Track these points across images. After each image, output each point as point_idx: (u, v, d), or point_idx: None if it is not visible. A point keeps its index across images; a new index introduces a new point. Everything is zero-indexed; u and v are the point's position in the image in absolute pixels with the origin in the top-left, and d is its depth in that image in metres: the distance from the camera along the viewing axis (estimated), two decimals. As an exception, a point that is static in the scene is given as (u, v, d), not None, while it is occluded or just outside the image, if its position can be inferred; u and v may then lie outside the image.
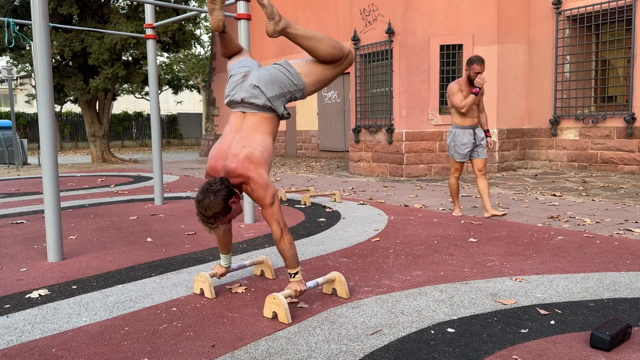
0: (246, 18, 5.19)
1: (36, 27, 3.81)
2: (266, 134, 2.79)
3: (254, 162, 2.69)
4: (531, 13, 9.96)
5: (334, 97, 15.27)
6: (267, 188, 2.68)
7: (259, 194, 2.69)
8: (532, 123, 10.16)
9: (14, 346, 2.37)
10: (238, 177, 2.70)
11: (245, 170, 2.68)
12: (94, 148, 16.94)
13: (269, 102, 2.76)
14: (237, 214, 2.77)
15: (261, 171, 2.70)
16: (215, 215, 2.64)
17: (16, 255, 4.15)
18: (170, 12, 15.17)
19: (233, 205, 2.69)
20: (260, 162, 2.72)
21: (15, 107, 33.20)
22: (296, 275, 2.77)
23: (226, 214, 2.67)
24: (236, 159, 2.70)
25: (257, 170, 2.69)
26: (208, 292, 2.99)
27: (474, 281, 3.19)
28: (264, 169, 2.72)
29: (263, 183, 2.68)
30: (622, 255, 3.73)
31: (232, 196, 2.68)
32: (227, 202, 2.64)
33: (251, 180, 2.68)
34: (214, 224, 2.68)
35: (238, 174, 2.69)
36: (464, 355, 2.17)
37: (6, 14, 14.60)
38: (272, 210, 2.69)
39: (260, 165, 2.71)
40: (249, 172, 2.68)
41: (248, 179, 2.69)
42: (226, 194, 2.64)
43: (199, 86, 29.15)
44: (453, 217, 5.45)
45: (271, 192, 2.69)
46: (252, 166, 2.68)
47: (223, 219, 2.67)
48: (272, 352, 2.24)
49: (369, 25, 10.28)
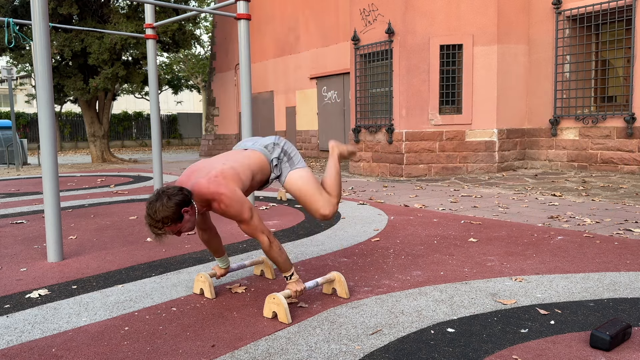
0: (246, 18, 5.19)
1: (36, 27, 3.81)
2: (254, 164, 2.79)
3: (226, 177, 2.57)
4: (531, 13, 9.96)
5: (334, 97, 15.27)
6: (242, 203, 2.55)
7: (234, 210, 2.54)
8: (532, 123, 10.16)
9: (14, 346, 2.37)
10: (209, 195, 2.54)
11: (216, 187, 2.53)
12: (94, 148, 16.94)
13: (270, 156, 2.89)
14: (189, 227, 2.55)
15: (234, 187, 2.56)
16: (163, 220, 2.43)
17: (16, 255, 4.15)
18: (170, 12, 15.17)
19: (186, 215, 2.50)
20: (234, 178, 2.59)
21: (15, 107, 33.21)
22: (292, 276, 2.74)
23: (176, 222, 2.47)
24: (207, 175, 2.58)
25: (229, 186, 2.55)
26: (208, 292, 2.99)
27: (474, 281, 3.19)
28: (238, 185, 2.59)
29: (236, 198, 2.53)
30: (622, 255, 3.73)
31: (187, 205, 2.50)
32: (180, 208, 2.46)
33: (223, 197, 2.52)
34: (161, 230, 2.46)
35: (209, 192, 2.53)
36: (463, 355, 2.17)
37: (6, 14, 14.60)
38: (254, 224, 2.60)
39: (233, 181, 2.58)
40: (220, 188, 2.53)
41: (219, 195, 2.52)
42: (181, 199, 2.46)
43: (198, 86, 29.15)
44: (453, 216, 5.45)
45: (247, 207, 2.57)
46: (223, 182, 2.55)
47: (172, 227, 2.48)
48: (272, 352, 2.24)
49: (369, 25, 10.28)
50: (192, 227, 2.57)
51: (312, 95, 16.20)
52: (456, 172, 9.68)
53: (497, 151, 9.69)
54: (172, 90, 30.14)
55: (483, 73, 9.55)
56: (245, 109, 5.29)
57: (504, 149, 9.83)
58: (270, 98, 18.18)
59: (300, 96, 16.74)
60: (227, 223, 5.35)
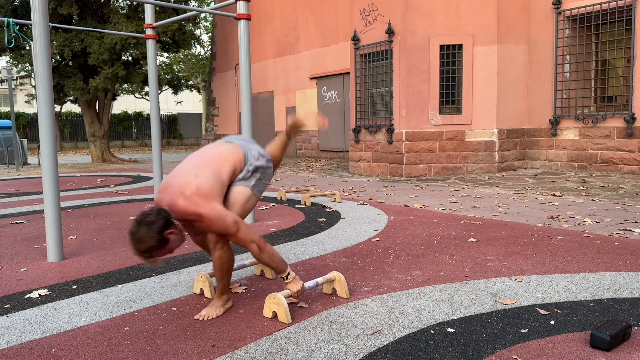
0: (246, 18, 5.19)
1: (36, 27, 3.81)
2: (229, 164, 2.68)
3: (202, 195, 2.50)
4: (531, 13, 9.96)
5: (334, 97, 15.27)
6: (224, 218, 2.50)
7: (219, 227, 2.51)
8: (532, 123, 10.16)
9: (14, 346, 2.37)
10: (189, 217, 2.52)
11: (194, 208, 2.48)
12: (94, 148, 16.94)
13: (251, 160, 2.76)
14: (178, 244, 2.56)
15: (212, 204, 2.50)
16: (149, 250, 2.43)
17: (16, 255, 4.15)
18: (170, 12, 15.17)
19: (171, 236, 2.49)
20: (210, 194, 2.52)
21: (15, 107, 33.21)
22: (288, 276, 2.70)
23: (162, 247, 2.47)
24: (183, 195, 2.50)
25: (207, 205, 2.49)
26: (208, 292, 2.99)
27: (474, 281, 3.19)
28: (216, 200, 2.53)
29: (218, 215, 2.49)
30: (622, 255, 3.73)
31: (170, 227, 2.48)
32: (162, 234, 2.44)
33: (204, 217, 2.49)
34: (150, 258, 2.47)
35: (188, 213, 2.50)
36: (463, 355, 2.17)
37: (6, 14, 14.60)
38: (241, 234, 2.54)
39: (210, 197, 2.51)
40: (199, 209, 2.48)
41: (200, 216, 2.49)
42: (162, 225, 2.44)
43: (198, 86, 29.15)
44: (453, 216, 5.45)
45: (231, 220, 2.51)
46: (201, 201, 2.48)
47: (161, 251, 2.48)
48: (272, 352, 2.24)
49: (369, 25, 10.28)
50: (181, 242, 2.58)
51: (312, 95, 16.20)
52: (456, 172, 9.68)
53: (497, 151, 9.69)
54: (172, 90, 30.14)
55: (483, 73, 9.55)
56: (245, 109, 5.29)
57: (504, 149, 9.83)
58: (270, 98, 18.18)
59: (300, 96, 16.74)
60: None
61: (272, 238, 4.58)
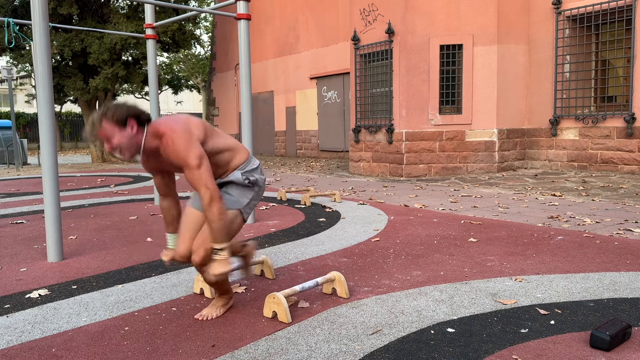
0: (246, 18, 5.19)
1: (36, 27, 3.81)
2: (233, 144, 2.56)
3: (191, 122, 2.36)
4: (531, 13, 9.96)
5: (334, 97, 15.27)
6: (190, 143, 2.27)
7: (179, 148, 2.25)
8: (532, 123, 10.16)
9: (14, 346, 2.37)
10: (161, 128, 2.32)
11: (172, 122, 2.32)
12: (94, 148, 16.95)
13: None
14: (125, 147, 2.29)
15: (192, 132, 2.32)
16: (106, 113, 2.26)
17: (16, 255, 4.15)
18: (170, 12, 15.17)
19: (129, 128, 2.29)
20: (199, 129, 2.37)
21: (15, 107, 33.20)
22: (221, 252, 2.36)
23: (116, 126, 2.26)
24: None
25: (186, 127, 2.31)
26: (208, 292, 2.99)
27: (474, 281, 3.19)
28: (199, 138, 2.35)
29: (186, 136, 2.28)
30: (622, 255, 3.73)
31: (137, 120, 2.31)
32: (129, 115, 2.28)
33: (174, 132, 2.28)
34: (98, 125, 2.26)
35: (162, 124, 2.32)
36: (463, 355, 2.17)
37: (6, 14, 14.60)
38: (200, 173, 2.26)
39: (197, 129, 2.36)
40: (175, 125, 2.31)
41: (170, 129, 2.29)
42: (135, 111, 2.30)
43: (198, 86, 29.16)
44: (453, 216, 5.45)
45: (196, 152, 2.27)
46: (176, 126, 2.30)
47: (109, 129, 2.26)
48: (272, 352, 2.24)
49: (369, 25, 10.28)
50: (129, 151, 2.31)
51: (312, 95, 16.20)
52: (456, 172, 9.68)
53: (497, 151, 9.69)
54: (172, 90, 30.12)
55: (483, 73, 9.55)
56: (245, 109, 5.29)
57: (504, 149, 9.83)
58: (270, 98, 18.18)
59: (300, 96, 16.74)
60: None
61: (272, 238, 4.58)
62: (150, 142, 2.36)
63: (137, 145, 2.33)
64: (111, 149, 2.28)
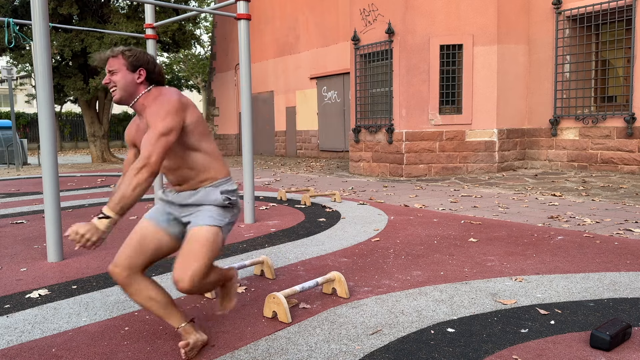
0: (246, 18, 5.19)
1: (36, 27, 3.81)
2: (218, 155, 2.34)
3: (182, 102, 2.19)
4: (531, 13, 9.96)
5: (334, 97, 15.27)
6: (171, 114, 2.11)
7: (159, 109, 2.12)
8: (532, 123, 10.16)
9: (14, 346, 2.37)
10: (153, 99, 2.22)
11: (166, 91, 2.22)
12: (94, 148, 16.95)
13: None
14: (126, 94, 2.21)
15: (185, 110, 2.19)
16: (125, 50, 2.23)
17: (16, 255, 4.15)
18: (170, 12, 15.18)
19: (138, 74, 2.22)
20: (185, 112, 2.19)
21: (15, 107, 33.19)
22: (104, 219, 1.97)
23: (128, 67, 2.21)
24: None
25: (182, 104, 2.18)
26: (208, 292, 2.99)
27: (474, 281, 3.19)
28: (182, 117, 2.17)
29: (173, 107, 2.13)
30: (622, 255, 3.73)
31: (149, 71, 2.24)
32: (144, 63, 2.23)
33: (164, 95, 2.19)
34: (113, 54, 2.22)
35: (158, 94, 2.23)
36: (463, 355, 2.17)
37: (6, 14, 14.60)
38: (157, 139, 2.05)
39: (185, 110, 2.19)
40: (168, 92, 2.21)
41: (162, 94, 2.21)
42: (154, 63, 2.26)
43: (199, 86, 29.16)
44: (453, 216, 5.45)
45: (171, 124, 2.09)
46: (175, 97, 2.18)
47: (120, 66, 2.20)
48: (272, 352, 2.24)
49: (369, 25, 10.28)
50: (121, 94, 2.21)
51: (312, 95, 16.20)
52: (456, 172, 9.68)
53: (497, 151, 9.69)
54: (172, 90, 30.14)
55: (483, 73, 9.55)
56: (245, 109, 5.29)
57: (504, 149, 9.83)
58: (270, 98, 18.18)
59: (300, 96, 16.74)
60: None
61: (272, 238, 4.58)
62: (145, 100, 2.23)
63: (132, 93, 2.23)
64: (108, 82, 2.21)
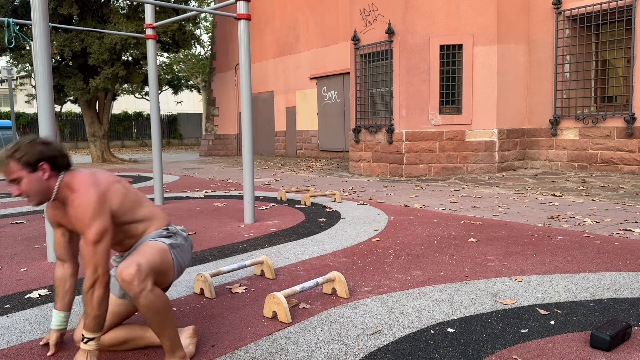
0: (246, 18, 5.19)
1: (36, 27, 3.81)
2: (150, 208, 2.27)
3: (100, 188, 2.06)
4: (531, 13, 9.96)
5: (334, 97, 15.27)
6: (96, 213, 2.00)
7: (82, 213, 1.99)
8: (532, 123, 10.16)
9: (14, 346, 2.37)
10: (75, 185, 2.08)
11: (79, 185, 2.06)
12: (94, 148, 16.95)
13: None
14: (33, 192, 2.05)
15: (106, 199, 2.06)
16: (16, 153, 2.00)
17: (16, 255, 4.15)
18: (170, 12, 15.18)
19: (40, 172, 2.03)
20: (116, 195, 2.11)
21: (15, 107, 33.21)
22: (89, 342, 2.00)
23: (25, 168, 2.01)
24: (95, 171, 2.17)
25: (101, 193, 2.05)
26: (208, 292, 2.99)
27: (474, 281, 3.19)
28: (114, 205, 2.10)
29: (94, 203, 2.00)
30: (622, 255, 3.73)
31: (51, 164, 2.05)
32: (42, 159, 2.03)
33: (79, 193, 2.03)
34: (4, 162, 2.01)
35: (71, 185, 2.09)
36: (464, 355, 2.17)
37: (6, 14, 14.60)
38: (95, 250, 1.97)
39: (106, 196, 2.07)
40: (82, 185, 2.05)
41: (77, 191, 2.04)
42: (50, 154, 2.05)
43: (199, 86, 29.16)
44: (453, 216, 5.45)
45: (100, 227, 1.99)
46: (92, 190, 2.04)
47: (17, 170, 2.01)
48: (272, 352, 2.24)
49: (369, 25, 10.28)
50: (37, 198, 2.07)
51: (312, 95, 16.20)
52: (456, 172, 9.68)
53: (497, 151, 9.69)
54: (172, 90, 30.14)
55: (483, 73, 9.55)
56: (245, 109, 5.29)
57: (504, 149, 9.83)
58: (270, 98, 18.18)
59: (300, 96, 16.74)
60: (227, 223, 5.35)
61: (272, 238, 4.58)
62: (63, 191, 2.10)
63: (47, 192, 2.07)
64: (19, 193, 2.04)
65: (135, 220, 2.20)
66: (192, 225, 5.29)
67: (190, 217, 5.80)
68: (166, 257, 2.15)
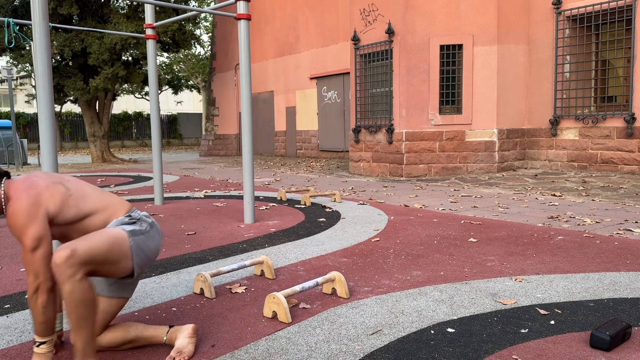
0: (246, 18, 5.19)
1: (36, 27, 3.81)
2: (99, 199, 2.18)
3: (33, 193, 2.00)
4: (531, 13, 9.96)
5: (334, 97, 15.27)
6: (30, 219, 1.95)
7: (16, 221, 1.95)
8: (532, 123, 10.16)
9: (14, 346, 2.37)
10: (11, 194, 2.03)
11: (14, 192, 2.01)
12: (94, 148, 16.95)
13: None
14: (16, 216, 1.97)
15: (40, 201, 1.99)
16: None
17: (16, 255, 4.15)
18: (170, 12, 15.18)
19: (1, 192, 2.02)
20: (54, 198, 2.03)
21: (15, 107, 33.21)
22: (42, 345, 2.01)
23: None
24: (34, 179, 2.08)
25: (35, 197, 1.99)
26: (208, 292, 2.99)
27: (474, 281, 3.19)
28: (53, 209, 2.02)
29: (27, 209, 1.95)
30: (622, 255, 3.73)
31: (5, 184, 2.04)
32: None
33: (12, 201, 1.99)
34: None
35: (7, 194, 2.04)
36: (463, 355, 2.17)
37: (6, 14, 14.60)
38: (33, 257, 1.94)
39: (40, 201, 2.00)
40: (15, 192, 2.00)
41: (10, 199, 2.01)
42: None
43: (198, 86, 29.16)
44: (453, 216, 5.45)
45: (35, 233, 1.94)
46: (25, 195, 1.99)
47: None
48: (272, 352, 2.24)
49: (369, 25, 10.28)
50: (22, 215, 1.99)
51: (312, 95, 16.20)
52: (456, 172, 9.68)
53: (497, 151, 9.69)
54: (172, 90, 30.16)
55: (483, 73, 9.55)
56: (245, 109, 5.29)
57: (504, 149, 9.83)
58: (270, 98, 18.18)
59: (300, 96, 16.74)
60: (227, 223, 5.35)
61: (272, 238, 4.58)
62: (5, 202, 2.06)
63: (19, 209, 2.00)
64: None
65: (86, 214, 2.11)
66: (192, 225, 5.29)
67: (190, 217, 5.80)
68: (118, 245, 2.05)
